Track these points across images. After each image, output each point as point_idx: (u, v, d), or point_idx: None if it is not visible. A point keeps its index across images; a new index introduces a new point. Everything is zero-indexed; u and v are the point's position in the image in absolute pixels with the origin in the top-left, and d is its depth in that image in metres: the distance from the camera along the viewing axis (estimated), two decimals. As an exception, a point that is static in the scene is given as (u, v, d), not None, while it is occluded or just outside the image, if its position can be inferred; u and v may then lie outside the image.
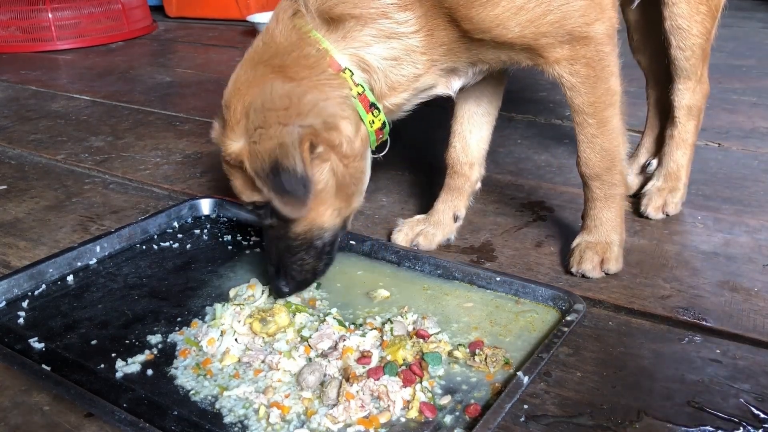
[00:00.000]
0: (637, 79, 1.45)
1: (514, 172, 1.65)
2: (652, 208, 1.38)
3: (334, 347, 0.96)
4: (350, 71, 1.03)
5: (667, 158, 1.40)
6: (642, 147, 1.53)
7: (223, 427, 0.85)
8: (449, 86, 1.13)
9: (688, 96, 1.36)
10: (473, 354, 0.96)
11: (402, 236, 1.30)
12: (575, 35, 1.02)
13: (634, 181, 1.49)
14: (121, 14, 3.51)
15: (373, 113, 1.07)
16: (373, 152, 1.13)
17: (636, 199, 1.42)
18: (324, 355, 0.95)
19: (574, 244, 1.21)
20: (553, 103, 2.19)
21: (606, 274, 1.17)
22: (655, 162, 1.47)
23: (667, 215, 1.38)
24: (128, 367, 0.97)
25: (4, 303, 1.13)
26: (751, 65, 2.62)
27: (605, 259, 1.17)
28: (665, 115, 1.44)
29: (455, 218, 1.32)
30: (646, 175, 1.49)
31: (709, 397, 0.89)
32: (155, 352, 1.00)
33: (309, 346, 0.97)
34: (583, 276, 1.17)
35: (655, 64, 1.45)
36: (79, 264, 1.24)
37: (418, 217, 1.34)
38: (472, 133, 1.29)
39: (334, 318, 1.02)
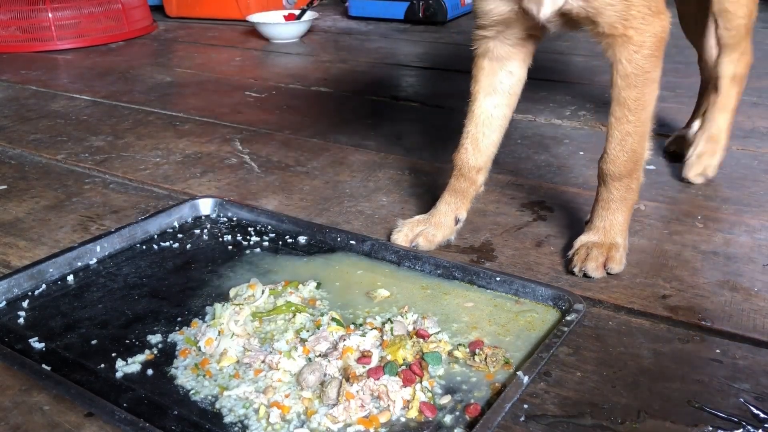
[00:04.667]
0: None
1: (514, 172, 1.65)
2: (693, 173, 1.51)
3: (334, 347, 0.96)
4: None
5: (710, 123, 1.54)
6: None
7: (223, 426, 0.85)
8: (540, 4, 1.10)
9: (732, 67, 1.51)
10: (473, 354, 0.96)
11: (402, 236, 1.29)
12: (654, 15, 1.08)
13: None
14: (121, 14, 3.50)
15: None
16: None
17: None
18: (324, 354, 0.95)
19: (578, 243, 1.21)
20: (553, 102, 2.19)
21: (608, 273, 1.17)
22: (696, 125, 1.61)
23: (707, 178, 1.51)
24: (128, 366, 0.97)
25: (4, 303, 1.13)
26: (751, 65, 2.62)
27: (609, 259, 1.17)
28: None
29: (456, 221, 1.32)
30: (688, 142, 1.62)
31: (709, 397, 0.89)
32: (155, 352, 1.00)
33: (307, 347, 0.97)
34: (584, 275, 1.17)
35: (703, 38, 1.63)
36: (79, 264, 1.24)
37: (418, 217, 1.34)
38: (485, 136, 1.29)
39: (332, 319, 1.03)
